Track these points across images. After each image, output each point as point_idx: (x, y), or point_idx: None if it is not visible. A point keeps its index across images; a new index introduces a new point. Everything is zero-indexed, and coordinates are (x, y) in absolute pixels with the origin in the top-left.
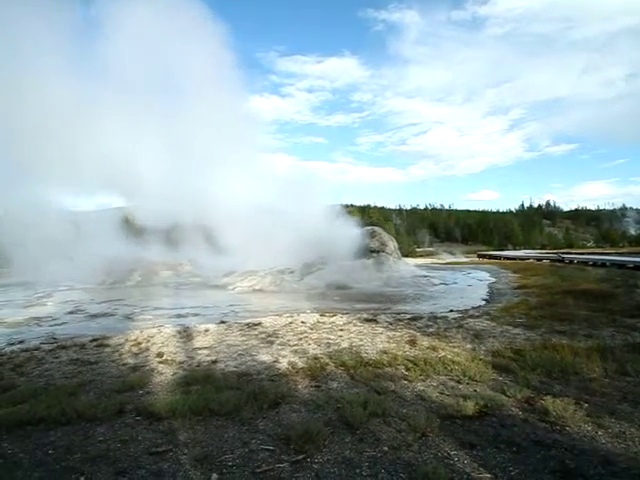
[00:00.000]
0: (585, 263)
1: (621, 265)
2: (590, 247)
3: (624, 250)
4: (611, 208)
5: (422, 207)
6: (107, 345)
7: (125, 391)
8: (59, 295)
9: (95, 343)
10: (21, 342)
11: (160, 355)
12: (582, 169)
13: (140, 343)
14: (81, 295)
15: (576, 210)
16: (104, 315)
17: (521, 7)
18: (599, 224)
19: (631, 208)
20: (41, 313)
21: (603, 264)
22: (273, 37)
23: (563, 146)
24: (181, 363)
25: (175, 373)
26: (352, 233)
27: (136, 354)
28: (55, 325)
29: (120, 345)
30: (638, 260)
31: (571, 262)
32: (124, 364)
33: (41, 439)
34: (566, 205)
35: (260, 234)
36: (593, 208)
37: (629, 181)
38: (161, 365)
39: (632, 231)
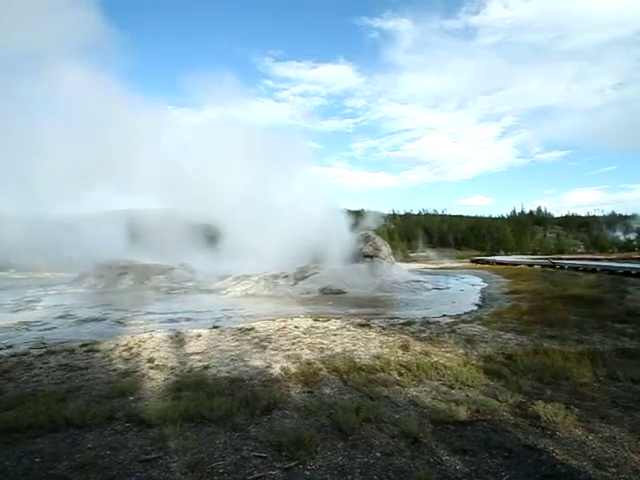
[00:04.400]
0: (576, 269)
1: (611, 271)
2: (580, 253)
3: (614, 256)
4: (601, 214)
5: (415, 212)
6: (97, 350)
7: (115, 397)
8: (49, 299)
9: (85, 348)
10: (9, 347)
11: (151, 360)
12: (572, 176)
13: (131, 348)
14: (71, 299)
15: (566, 216)
16: (94, 320)
17: (512, 17)
18: (589, 230)
19: (618, 214)
20: (30, 317)
21: (593, 270)
22: (268, 43)
23: (554, 153)
24: (172, 369)
25: (166, 379)
26: (346, 238)
27: (127, 359)
28: (44, 330)
29: (110, 350)
30: (627, 266)
31: (562, 268)
32: (114, 370)
33: (28, 446)
34: (557, 211)
35: (254, 238)
36: (583, 214)
37: (618, 188)
38: (152, 371)
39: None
